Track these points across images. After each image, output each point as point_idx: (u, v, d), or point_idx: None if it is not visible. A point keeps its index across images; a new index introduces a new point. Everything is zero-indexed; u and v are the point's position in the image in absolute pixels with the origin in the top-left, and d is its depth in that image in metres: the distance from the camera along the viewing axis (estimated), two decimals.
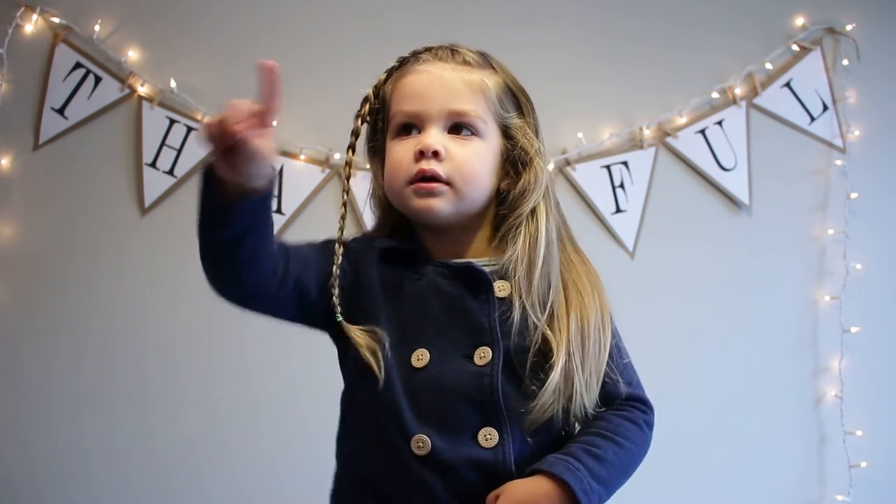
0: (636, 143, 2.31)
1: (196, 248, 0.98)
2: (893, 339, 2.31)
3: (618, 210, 2.29)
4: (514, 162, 1.07)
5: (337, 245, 1.03)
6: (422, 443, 0.95)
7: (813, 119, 2.36)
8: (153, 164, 2.24)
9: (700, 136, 2.32)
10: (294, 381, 2.16)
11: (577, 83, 2.29)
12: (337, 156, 2.25)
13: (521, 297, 1.00)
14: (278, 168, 2.24)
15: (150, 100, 2.25)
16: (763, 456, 2.25)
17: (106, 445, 2.17)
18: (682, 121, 2.32)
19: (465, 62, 1.06)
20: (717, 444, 2.24)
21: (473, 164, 1.03)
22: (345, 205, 1.07)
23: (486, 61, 1.08)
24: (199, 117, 2.25)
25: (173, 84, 2.24)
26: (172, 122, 2.24)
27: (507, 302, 1.01)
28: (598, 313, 1.05)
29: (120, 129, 2.25)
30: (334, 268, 1.02)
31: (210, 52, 2.29)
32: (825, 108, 2.36)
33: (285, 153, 2.25)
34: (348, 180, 1.08)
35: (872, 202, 2.34)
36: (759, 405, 2.26)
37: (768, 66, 2.35)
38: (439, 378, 0.98)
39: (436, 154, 1.01)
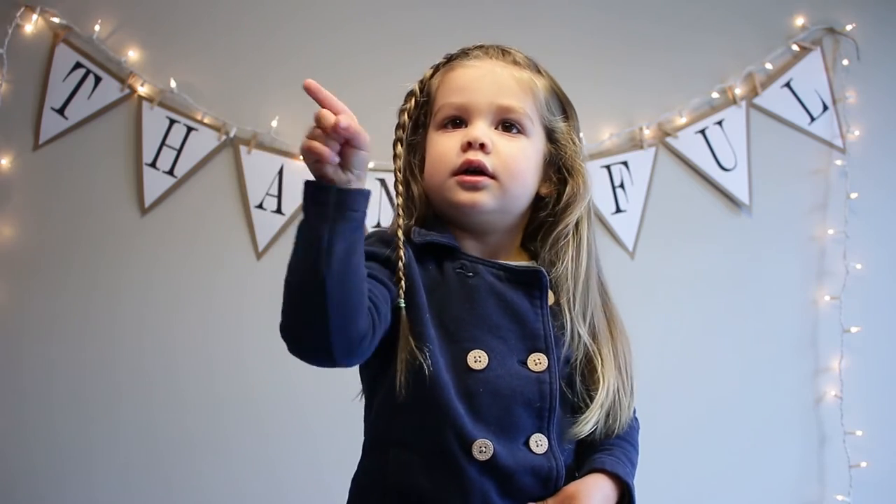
0: (636, 143, 2.31)
1: (195, 248, 0.95)
2: (893, 339, 2.31)
3: (618, 210, 2.29)
4: (557, 167, 1.06)
5: (400, 231, 0.97)
6: (484, 447, 0.93)
7: (813, 119, 2.36)
8: (153, 164, 2.24)
9: (700, 136, 2.32)
10: (294, 379, 2.16)
11: (577, 83, 2.26)
12: None
13: (569, 310, 1.01)
14: (278, 168, 2.24)
15: (150, 100, 2.25)
16: (763, 456, 2.25)
17: (106, 445, 2.17)
18: (682, 121, 2.32)
19: (516, 62, 1.05)
20: (717, 444, 2.24)
21: (519, 160, 1.01)
22: (399, 195, 1.03)
23: (534, 65, 1.08)
24: (199, 117, 2.25)
25: (173, 84, 2.24)
26: (172, 122, 2.24)
27: (554, 311, 1.01)
28: (623, 327, 1.08)
29: (120, 129, 2.25)
30: (399, 252, 0.95)
31: (210, 52, 2.29)
32: (825, 108, 2.36)
33: (285, 153, 2.25)
34: (400, 172, 1.02)
35: (872, 202, 2.34)
36: (759, 405, 2.26)
37: (768, 66, 2.35)
38: (499, 381, 0.96)
39: (482, 146, 0.99)
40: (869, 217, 2.33)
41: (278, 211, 2.23)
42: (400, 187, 1.02)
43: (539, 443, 0.97)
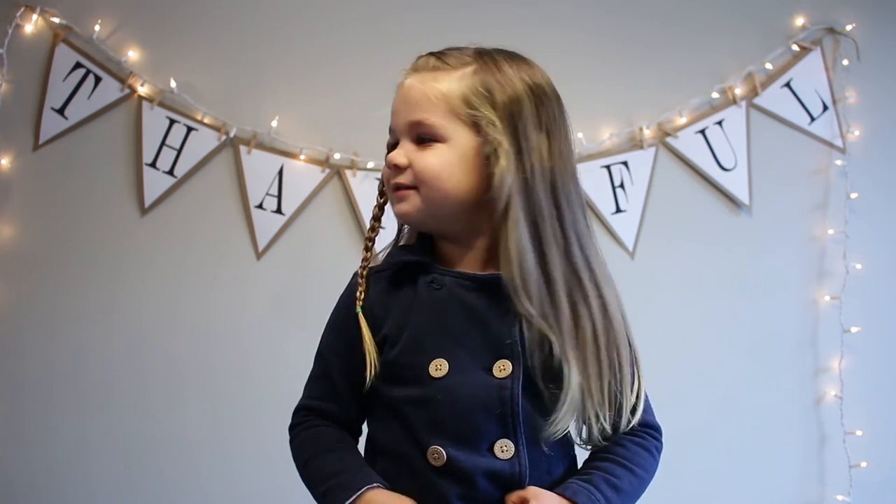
0: (636, 143, 2.31)
1: (195, 248, 0.97)
2: (893, 339, 2.32)
3: (618, 210, 2.29)
4: (487, 157, 1.02)
5: (360, 269, 1.09)
6: (437, 454, 0.97)
7: (813, 119, 2.36)
8: (153, 164, 2.24)
9: (700, 136, 2.32)
10: (294, 380, 2.16)
11: (577, 83, 2.28)
12: (337, 155, 2.25)
13: (518, 300, 0.97)
14: (278, 168, 2.24)
15: (150, 100, 2.25)
16: (763, 456, 2.25)
17: (105, 445, 2.17)
18: (682, 121, 2.32)
19: (438, 67, 1.04)
20: (717, 445, 2.24)
21: (433, 167, 1.01)
22: (371, 235, 1.12)
23: (468, 59, 1.04)
24: (199, 117, 2.25)
25: (173, 84, 2.24)
26: (172, 122, 2.24)
27: (526, 317, 1.00)
28: (616, 325, 1.03)
29: (120, 129, 2.25)
30: (359, 290, 1.07)
31: (210, 52, 2.29)
32: (825, 108, 2.36)
33: (285, 153, 2.25)
34: (379, 209, 1.13)
35: (872, 202, 2.34)
36: (759, 405, 2.26)
37: (768, 66, 2.35)
38: (458, 389, 0.97)
39: (398, 167, 1.03)
40: (869, 217, 2.33)
41: (278, 211, 2.23)
42: (375, 222, 1.12)
43: (504, 448, 0.97)
